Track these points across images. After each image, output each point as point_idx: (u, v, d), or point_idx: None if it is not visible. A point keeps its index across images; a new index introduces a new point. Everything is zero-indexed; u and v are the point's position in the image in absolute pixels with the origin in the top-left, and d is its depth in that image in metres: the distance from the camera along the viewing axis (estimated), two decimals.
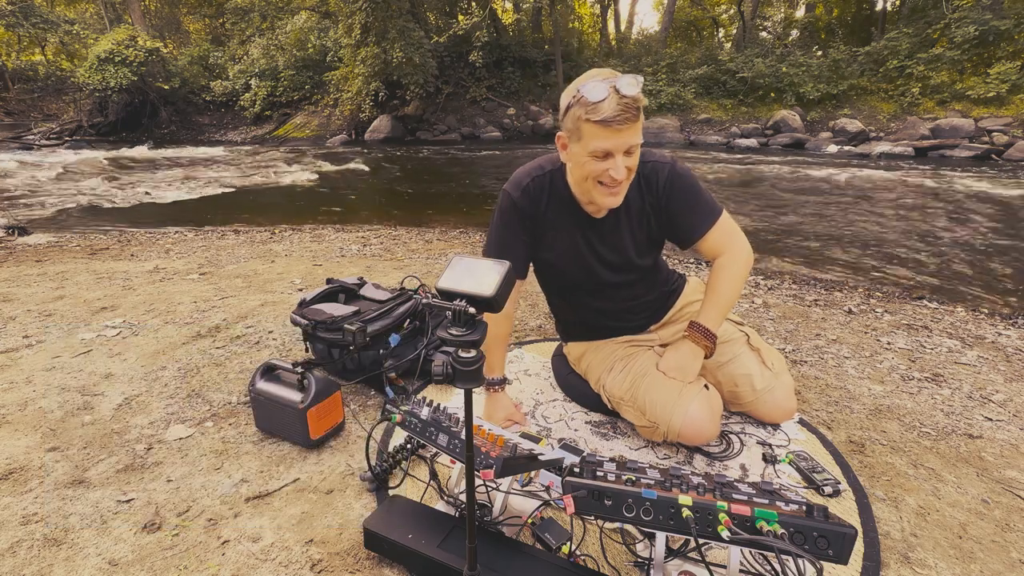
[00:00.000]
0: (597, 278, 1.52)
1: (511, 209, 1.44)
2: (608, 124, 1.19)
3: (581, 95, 1.21)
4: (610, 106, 1.17)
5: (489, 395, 1.64)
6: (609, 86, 1.18)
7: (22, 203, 6.82)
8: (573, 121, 1.25)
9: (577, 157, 1.29)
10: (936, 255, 4.49)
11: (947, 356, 2.33)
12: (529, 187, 1.43)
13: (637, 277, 1.57)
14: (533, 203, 1.43)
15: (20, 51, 22.87)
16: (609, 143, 1.21)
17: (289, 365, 1.59)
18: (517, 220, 1.45)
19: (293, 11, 19.14)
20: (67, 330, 2.43)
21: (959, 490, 1.44)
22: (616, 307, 1.62)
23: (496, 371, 1.61)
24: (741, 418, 1.70)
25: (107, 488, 1.39)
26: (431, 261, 3.77)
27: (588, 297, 1.60)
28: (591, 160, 1.26)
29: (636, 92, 1.18)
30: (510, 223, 1.46)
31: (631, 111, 1.19)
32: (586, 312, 1.65)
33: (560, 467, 1.20)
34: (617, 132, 1.20)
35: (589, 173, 1.28)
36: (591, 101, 1.19)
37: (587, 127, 1.22)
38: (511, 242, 1.47)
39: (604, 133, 1.20)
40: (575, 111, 1.23)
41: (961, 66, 13.79)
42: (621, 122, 1.18)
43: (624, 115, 1.18)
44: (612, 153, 1.23)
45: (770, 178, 8.77)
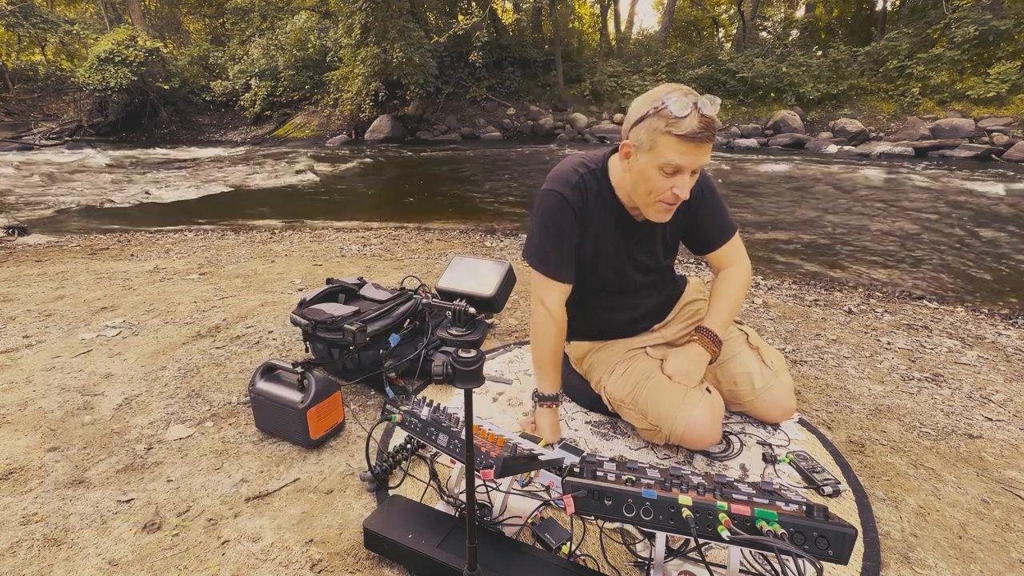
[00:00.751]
0: (626, 280, 1.53)
1: (562, 207, 1.39)
2: (690, 140, 1.18)
3: (664, 106, 1.18)
4: (692, 122, 1.17)
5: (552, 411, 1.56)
6: (691, 102, 1.17)
7: (22, 203, 6.82)
8: (648, 132, 1.22)
9: (644, 169, 1.27)
10: (936, 255, 4.49)
11: (947, 356, 2.33)
12: (579, 184, 1.39)
13: (659, 278, 1.59)
14: (583, 201, 1.40)
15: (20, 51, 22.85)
16: (685, 159, 1.21)
17: (289, 365, 1.59)
18: (572, 218, 1.40)
19: (293, 11, 19.14)
20: (67, 330, 2.43)
21: (959, 490, 1.44)
22: (632, 306, 1.62)
23: (558, 386, 1.56)
24: (741, 418, 1.70)
25: (107, 488, 1.39)
26: (431, 261, 3.77)
27: (609, 297, 1.60)
28: (658, 175, 1.24)
29: (715, 112, 1.19)
30: (564, 223, 1.40)
31: (711, 130, 1.19)
32: (598, 311, 1.64)
33: (560, 467, 1.20)
34: (695, 149, 1.20)
35: (653, 188, 1.27)
36: (675, 115, 1.17)
37: (665, 140, 1.20)
38: (563, 243, 1.42)
39: (683, 148, 1.20)
40: (653, 122, 1.21)
41: (961, 66, 13.78)
42: (702, 140, 1.18)
43: (704, 133, 1.18)
44: (682, 170, 1.23)
45: (770, 178, 8.77)
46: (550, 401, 1.55)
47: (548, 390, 1.55)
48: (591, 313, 1.66)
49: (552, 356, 1.53)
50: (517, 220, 5.85)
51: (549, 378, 1.54)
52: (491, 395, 1.87)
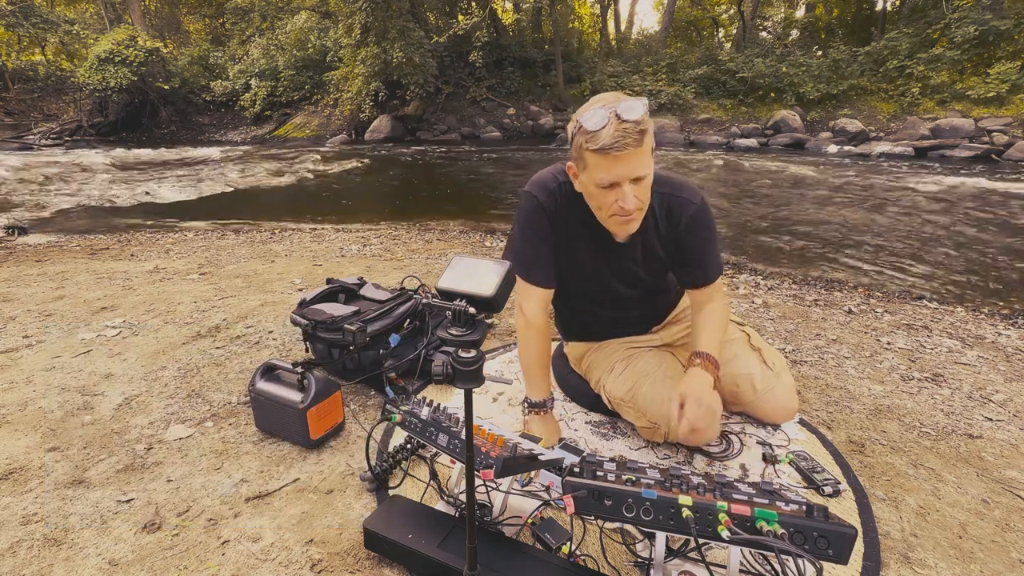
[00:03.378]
0: (610, 290, 1.51)
1: (537, 211, 1.38)
2: (606, 152, 1.13)
3: (580, 123, 1.17)
4: (608, 133, 1.12)
5: (542, 417, 1.54)
6: (609, 112, 1.13)
7: (22, 203, 6.82)
8: (577, 150, 1.21)
9: (586, 187, 1.26)
10: (936, 255, 4.49)
11: (947, 356, 2.33)
12: (556, 191, 1.38)
13: (646, 293, 1.56)
14: (559, 207, 1.38)
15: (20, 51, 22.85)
16: (611, 173, 1.17)
17: (289, 365, 1.59)
18: (546, 223, 1.39)
19: (293, 11, 19.14)
20: (67, 330, 2.43)
21: (959, 490, 1.44)
22: (620, 316, 1.62)
23: (546, 392, 1.54)
24: (741, 418, 1.70)
25: (107, 488, 1.39)
26: (431, 261, 3.77)
27: (594, 306, 1.59)
28: (599, 192, 1.22)
29: (638, 116, 1.12)
30: (539, 227, 1.40)
31: (631, 136, 1.12)
32: (588, 317, 1.64)
33: (560, 467, 1.20)
34: (616, 160, 1.14)
35: (600, 204, 1.25)
36: (589, 129, 1.14)
37: (589, 156, 1.18)
38: (540, 248, 1.41)
39: (605, 162, 1.16)
40: (578, 139, 1.19)
41: (961, 66, 13.78)
42: (620, 148, 1.13)
43: (623, 141, 1.12)
44: (618, 183, 1.18)
45: (770, 178, 8.77)
46: (539, 407, 1.54)
47: (536, 396, 1.54)
48: (583, 317, 1.66)
49: (536, 363, 1.51)
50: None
51: (536, 384, 1.53)
52: (491, 395, 1.87)
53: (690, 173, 9.40)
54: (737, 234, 5.25)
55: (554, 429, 1.56)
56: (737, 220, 5.85)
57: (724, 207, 6.55)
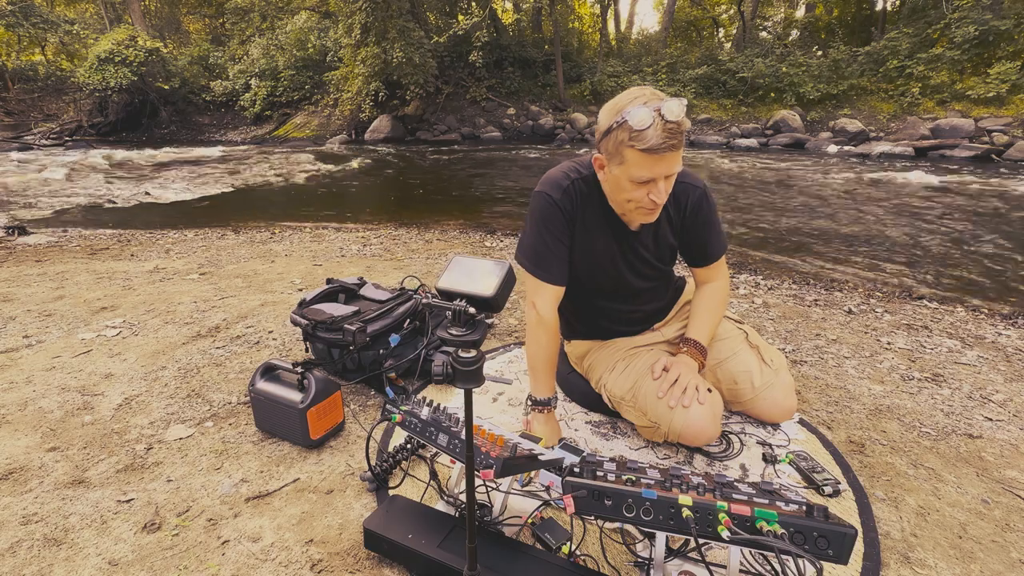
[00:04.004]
0: (623, 284, 1.52)
1: (551, 210, 1.39)
2: (653, 152, 1.16)
3: (625, 120, 1.16)
4: (655, 133, 1.14)
5: (545, 416, 1.54)
6: (653, 111, 1.14)
7: (22, 203, 6.82)
8: (615, 145, 1.21)
9: (617, 181, 1.27)
10: (936, 255, 4.50)
11: (947, 356, 2.33)
12: (569, 189, 1.38)
13: (657, 284, 1.58)
14: (573, 205, 1.39)
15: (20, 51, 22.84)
16: (651, 171, 1.19)
17: (289, 365, 1.60)
18: (561, 221, 1.40)
19: (293, 11, 19.13)
20: (67, 330, 2.43)
21: (959, 490, 1.44)
22: (631, 310, 1.62)
23: (551, 390, 1.55)
24: (741, 418, 1.70)
25: (107, 488, 1.39)
26: (431, 261, 3.77)
27: (606, 301, 1.59)
28: (632, 186, 1.24)
29: (681, 116, 1.14)
30: (554, 225, 1.40)
31: (676, 137, 1.15)
32: (596, 314, 1.64)
33: (560, 467, 1.20)
34: (661, 160, 1.17)
35: (631, 197, 1.27)
36: (636, 129, 1.15)
37: (630, 153, 1.19)
38: (555, 247, 1.42)
39: (648, 161, 1.17)
40: (617, 135, 1.19)
41: (961, 66, 13.78)
42: (666, 149, 1.15)
43: (669, 142, 1.15)
44: (654, 180, 1.21)
45: (770, 178, 8.77)
46: (543, 406, 1.54)
47: (541, 394, 1.54)
48: (591, 315, 1.66)
49: (544, 360, 1.51)
50: (517, 220, 5.84)
51: (542, 382, 1.53)
52: (491, 395, 1.87)
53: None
54: (737, 234, 5.25)
55: (555, 429, 1.57)
56: (737, 220, 5.85)
57: (724, 207, 6.55)
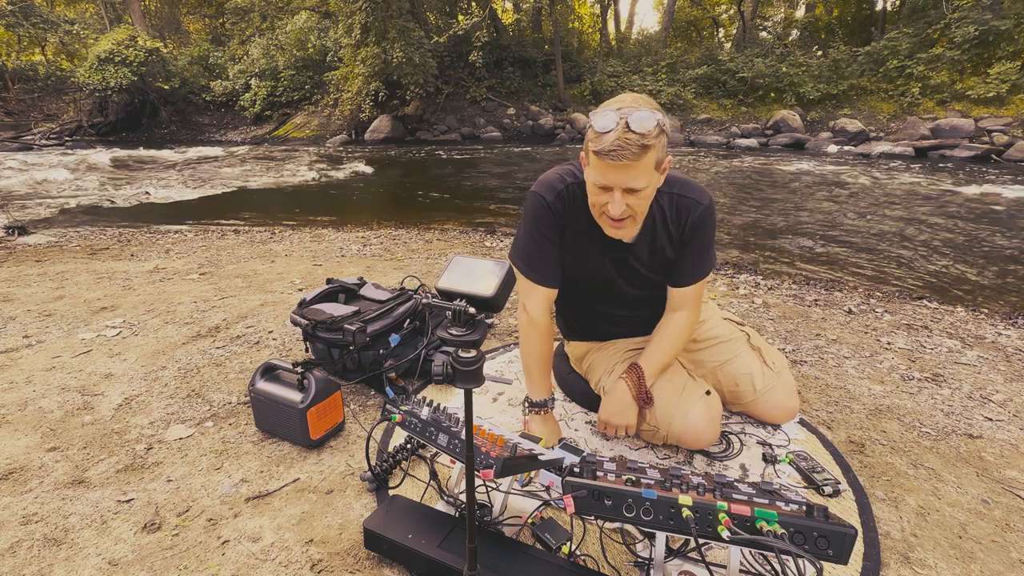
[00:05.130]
0: (617, 290, 1.50)
1: (543, 212, 1.38)
2: (603, 156, 1.14)
3: (591, 121, 1.17)
4: (611, 139, 1.12)
5: (543, 417, 1.54)
6: (620, 117, 1.12)
7: (22, 203, 6.82)
8: (585, 145, 1.22)
9: (587, 183, 1.27)
10: (936, 255, 4.49)
11: (947, 356, 2.33)
12: (563, 192, 1.37)
13: (652, 292, 1.54)
14: (566, 208, 1.38)
15: (20, 51, 22.84)
16: (605, 177, 1.18)
17: (289, 365, 1.60)
18: (553, 223, 1.39)
19: (293, 11, 19.14)
20: (67, 330, 2.43)
21: (959, 490, 1.44)
22: (627, 315, 1.61)
23: (547, 392, 1.54)
24: (741, 418, 1.70)
25: (107, 488, 1.39)
26: (431, 261, 3.77)
27: (602, 305, 1.58)
28: (594, 190, 1.24)
29: (644, 130, 1.11)
30: (545, 227, 1.39)
31: (632, 148, 1.11)
32: (594, 317, 1.63)
33: (560, 467, 1.20)
34: (612, 167, 1.15)
35: (594, 203, 1.27)
36: (596, 130, 1.15)
37: (591, 156, 1.19)
38: (546, 248, 1.41)
39: (602, 165, 1.16)
40: (588, 135, 1.20)
41: (961, 66, 13.79)
42: (616, 157, 1.12)
43: (622, 151, 1.11)
44: (610, 188, 1.19)
45: (770, 178, 8.77)
46: (539, 407, 1.53)
47: (536, 395, 1.53)
48: (588, 318, 1.65)
49: (537, 362, 1.51)
50: (517, 220, 5.84)
51: (536, 383, 1.53)
52: (491, 395, 1.87)
53: (690, 173, 9.40)
54: (737, 234, 5.25)
55: (554, 429, 1.56)
56: (737, 220, 5.85)
57: (724, 207, 6.55)
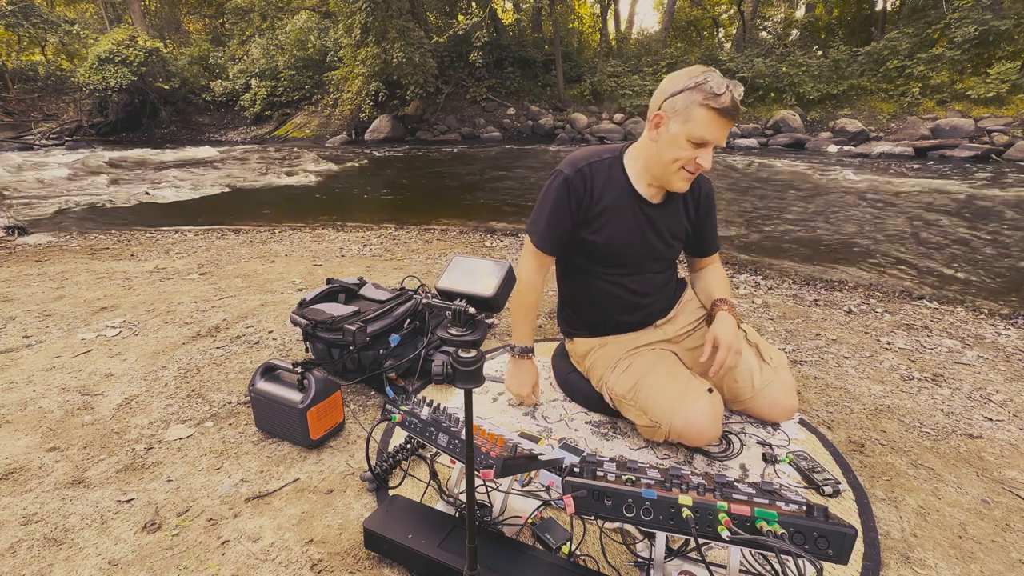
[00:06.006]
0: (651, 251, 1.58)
1: (563, 187, 1.48)
2: (725, 114, 1.29)
3: (705, 81, 1.28)
4: (729, 99, 1.28)
5: (518, 362, 1.70)
6: (728, 82, 1.30)
7: (22, 203, 6.82)
8: (685, 103, 1.31)
9: (675, 138, 1.35)
10: (936, 255, 4.49)
11: (947, 356, 2.33)
12: (585, 170, 1.48)
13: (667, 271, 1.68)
14: (587, 186, 1.48)
15: (20, 51, 22.83)
16: (713, 134, 1.31)
17: (289, 365, 1.60)
18: (567, 199, 1.48)
19: (293, 11, 19.12)
20: (67, 330, 2.43)
21: (959, 490, 1.44)
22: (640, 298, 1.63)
23: (527, 340, 1.68)
24: (741, 418, 1.70)
25: (107, 488, 1.39)
26: (431, 261, 3.77)
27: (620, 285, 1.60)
28: (687, 145, 1.34)
29: (741, 95, 1.32)
30: (560, 201, 1.49)
31: (739, 109, 1.32)
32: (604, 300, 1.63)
33: (560, 467, 1.20)
34: (725, 125, 1.31)
35: (679, 157, 1.36)
36: (714, 91, 1.27)
37: (701, 112, 1.29)
38: (560, 219, 1.51)
39: (717, 122, 1.30)
40: (691, 95, 1.30)
41: (961, 66, 13.77)
42: (734, 116, 1.30)
43: (736, 112, 1.30)
44: (708, 143, 1.33)
45: (770, 178, 8.77)
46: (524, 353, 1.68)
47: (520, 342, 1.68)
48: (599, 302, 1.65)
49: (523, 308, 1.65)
50: (517, 220, 5.84)
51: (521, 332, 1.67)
52: (491, 395, 1.87)
53: None
54: (737, 234, 5.24)
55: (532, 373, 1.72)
56: (737, 220, 5.85)
57: (724, 207, 6.55)
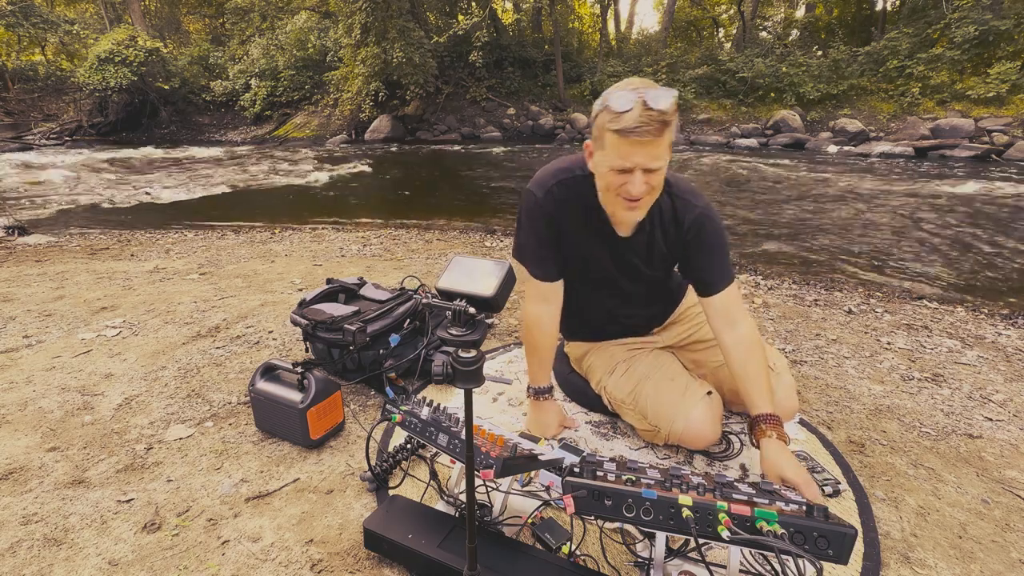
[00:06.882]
0: (615, 286, 1.52)
1: (536, 210, 1.40)
2: (627, 135, 1.13)
3: (607, 103, 1.16)
4: (633, 117, 1.12)
5: (536, 404, 1.61)
6: (637, 96, 1.12)
7: (22, 203, 6.82)
8: (598, 129, 1.21)
9: (599, 167, 1.26)
10: (936, 255, 4.49)
11: (947, 356, 2.33)
12: (554, 189, 1.38)
13: (649, 289, 1.57)
14: (558, 206, 1.38)
15: (20, 51, 22.83)
16: (627, 158, 1.17)
17: (289, 365, 1.60)
18: (542, 221, 1.41)
19: (293, 11, 19.13)
20: (67, 330, 2.43)
21: (959, 490, 1.44)
22: (627, 314, 1.62)
23: (542, 380, 1.60)
24: (741, 418, 1.70)
25: (107, 488, 1.39)
26: (431, 261, 3.77)
27: (600, 302, 1.59)
28: (611, 173, 1.22)
29: (664, 106, 1.11)
30: (536, 224, 1.42)
31: (655, 124, 1.12)
32: (593, 315, 1.64)
33: (560, 467, 1.20)
34: (636, 145, 1.14)
35: (610, 184, 1.25)
36: (615, 110, 1.14)
37: (609, 137, 1.17)
38: (539, 244, 1.44)
39: (623, 146, 1.15)
40: (601, 118, 1.19)
41: (961, 66, 13.77)
42: (641, 134, 1.12)
43: (646, 128, 1.12)
44: (631, 169, 1.18)
45: (770, 178, 8.77)
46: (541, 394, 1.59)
47: (533, 383, 1.60)
48: (589, 315, 1.65)
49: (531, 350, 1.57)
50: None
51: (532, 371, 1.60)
52: (491, 395, 1.87)
53: (690, 173, 9.40)
54: (737, 234, 5.25)
55: (558, 412, 1.64)
56: (737, 220, 5.85)
57: (724, 207, 6.55)
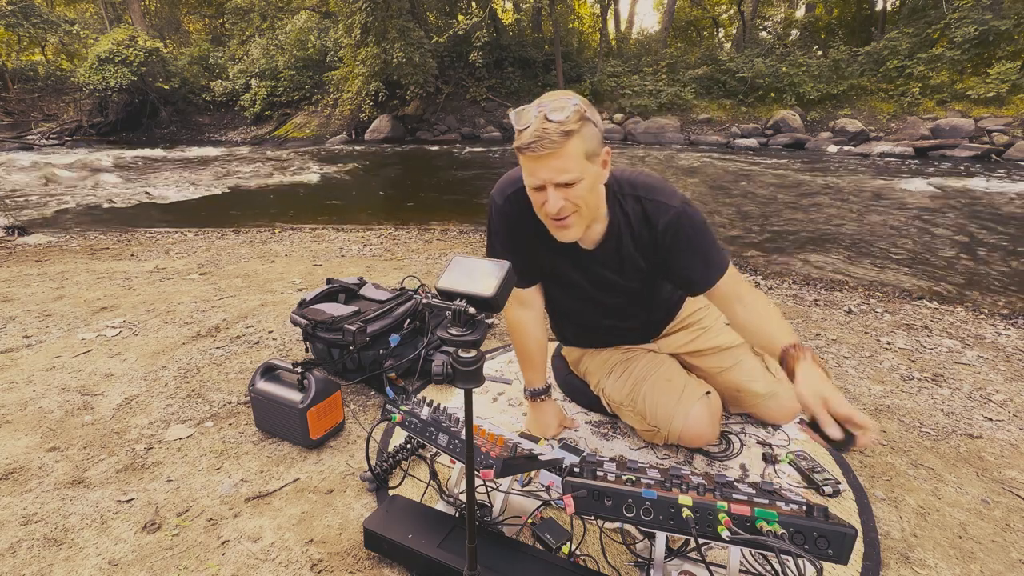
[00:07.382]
0: (594, 300, 1.47)
1: (499, 216, 1.38)
2: (524, 151, 1.09)
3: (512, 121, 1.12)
4: (529, 132, 1.07)
5: (534, 404, 1.61)
6: (539, 111, 1.08)
7: (22, 203, 6.81)
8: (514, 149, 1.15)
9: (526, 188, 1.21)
10: (936, 255, 4.49)
11: (947, 356, 2.33)
12: (512, 197, 1.33)
13: (631, 301, 1.48)
14: (519, 212, 1.32)
15: (20, 51, 22.82)
16: (533, 175, 1.12)
17: (289, 365, 1.60)
18: (505, 228, 1.38)
19: (293, 11, 19.13)
20: (67, 330, 2.43)
21: (959, 490, 1.44)
22: (616, 324, 1.57)
23: (537, 381, 1.60)
24: (741, 418, 1.70)
25: (107, 488, 1.39)
26: (431, 261, 3.77)
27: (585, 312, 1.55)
28: (531, 192, 1.18)
29: (562, 117, 1.05)
30: (500, 231, 1.39)
31: (550, 138, 1.05)
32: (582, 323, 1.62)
33: (560, 467, 1.20)
34: (536, 160, 1.09)
35: (535, 204, 1.20)
36: (516, 128, 1.11)
37: (519, 156, 1.14)
38: (508, 249, 1.40)
39: (526, 162, 1.12)
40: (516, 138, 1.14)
41: (961, 66, 13.77)
42: (536, 149, 1.07)
43: (542, 141, 1.06)
44: (543, 186, 1.13)
45: (770, 178, 8.77)
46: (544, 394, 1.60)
47: (528, 384, 1.60)
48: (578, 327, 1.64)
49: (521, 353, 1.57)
50: None
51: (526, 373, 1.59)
52: (491, 395, 1.87)
53: (690, 173, 9.40)
54: (737, 234, 5.25)
55: (557, 413, 1.64)
56: (737, 220, 5.85)
57: (724, 207, 6.55)
